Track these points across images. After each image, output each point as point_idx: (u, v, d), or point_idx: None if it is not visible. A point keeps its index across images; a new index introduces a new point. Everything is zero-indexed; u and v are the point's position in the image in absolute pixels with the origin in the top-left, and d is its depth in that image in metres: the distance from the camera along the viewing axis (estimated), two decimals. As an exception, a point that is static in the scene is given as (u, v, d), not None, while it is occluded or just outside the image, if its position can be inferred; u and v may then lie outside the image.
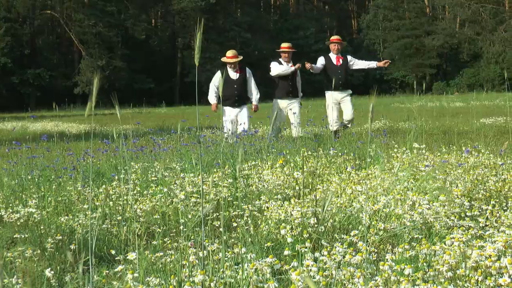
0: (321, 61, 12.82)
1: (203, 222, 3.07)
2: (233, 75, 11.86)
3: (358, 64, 12.97)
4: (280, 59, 12.37)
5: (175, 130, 7.73)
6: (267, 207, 4.63)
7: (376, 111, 9.41)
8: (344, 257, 3.23)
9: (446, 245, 3.25)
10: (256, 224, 4.38)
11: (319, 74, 12.72)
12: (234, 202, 4.99)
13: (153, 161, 7.03)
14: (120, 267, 3.32)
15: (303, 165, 5.21)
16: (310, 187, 5.31)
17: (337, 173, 5.84)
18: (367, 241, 3.57)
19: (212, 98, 12.08)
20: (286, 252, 3.39)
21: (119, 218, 4.67)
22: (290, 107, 12.14)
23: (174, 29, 63.99)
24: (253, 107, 12.07)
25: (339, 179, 5.40)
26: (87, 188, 5.59)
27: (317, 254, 3.31)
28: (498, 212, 4.13)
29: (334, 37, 13.15)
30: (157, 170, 6.26)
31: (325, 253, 3.31)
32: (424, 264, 3.18)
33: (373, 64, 12.93)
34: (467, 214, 4.12)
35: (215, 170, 6.31)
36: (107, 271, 3.57)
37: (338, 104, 12.36)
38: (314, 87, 35.45)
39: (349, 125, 12.40)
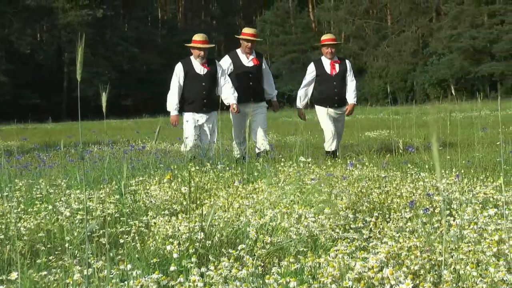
0: (311, 72, 10.24)
1: (87, 239, 3.01)
2: (200, 69, 9.28)
3: (347, 82, 10.24)
4: (239, 50, 9.85)
5: (60, 146, 7.57)
6: (155, 223, 4.58)
7: None
8: (230, 271, 3.23)
9: (330, 257, 3.30)
10: (143, 240, 4.33)
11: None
12: (121, 218, 4.91)
13: (38, 178, 6.85)
14: (1, 288, 3.21)
15: (189, 180, 5.19)
16: (197, 202, 5.30)
17: (224, 188, 5.84)
18: (254, 255, 3.59)
19: (173, 105, 9.21)
20: (172, 268, 3.36)
21: (1, 237, 4.52)
22: (253, 114, 9.16)
23: (61, 43, 62.67)
24: (233, 106, 9.25)
25: (226, 194, 5.40)
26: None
27: (203, 269, 3.30)
28: (381, 224, 4.22)
29: (327, 37, 10.41)
30: (42, 187, 6.10)
31: (212, 268, 3.30)
32: (309, 276, 3.21)
33: (349, 98, 10.17)
34: (351, 226, 4.19)
35: (102, 186, 6.21)
36: (-13, 293, 3.45)
37: (332, 120, 10.09)
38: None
39: (336, 148, 10.05)
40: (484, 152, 8.05)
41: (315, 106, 10.32)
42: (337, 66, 10.17)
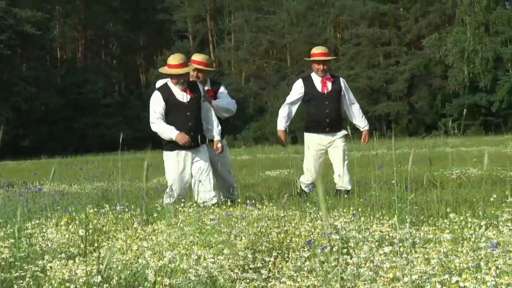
0: (298, 88, 8.88)
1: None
2: (181, 96, 7.86)
3: (347, 104, 8.93)
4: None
5: None
6: (51, 267, 4.47)
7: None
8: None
9: (229, 298, 3.30)
10: (39, 285, 4.22)
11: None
12: (15, 263, 4.78)
13: None
14: None
15: (86, 223, 5.10)
16: (95, 244, 5.21)
17: (123, 229, 5.77)
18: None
19: (167, 127, 7.76)
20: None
21: None
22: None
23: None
24: (217, 145, 7.99)
25: (125, 236, 5.33)
26: None
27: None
28: (280, 263, 4.25)
29: (318, 50, 8.92)
30: None
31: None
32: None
33: (362, 125, 8.99)
34: (250, 266, 4.20)
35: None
36: None
37: (324, 151, 8.79)
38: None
39: (347, 186, 8.66)
40: (380, 190, 8.23)
41: (304, 134, 9.02)
42: (329, 84, 8.76)
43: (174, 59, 7.75)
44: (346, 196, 8.01)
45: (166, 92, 7.88)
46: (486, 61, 56.53)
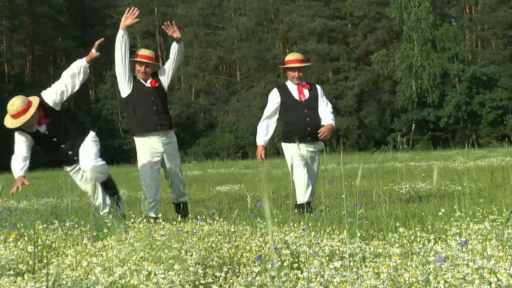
0: (274, 98, 8.46)
1: None
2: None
3: (322, 110, 8.39)
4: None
5: None
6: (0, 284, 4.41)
7: (115, 181, 9.08)
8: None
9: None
10: (-14, 303, 4.15)
11: None
12: (-38, 281, 4.69)
13: None
14: None
15: (35, 239, 5.04)
16: (44, 261, 5.14)
17: (73, 246, 5.71)
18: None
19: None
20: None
21: None
22: (168, 151, 7.97)
23: None
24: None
25: (75, 252, 5.28)
26: None
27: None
28: (231, 279, 4.24)
29: (292, 57, 8.49)
30: None
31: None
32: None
33: (325, 121, 8.34)
34: (201, 282, 4.19)
35: None
36: None
37: (304, 161, 8.27)
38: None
39: (311, 199, 8.33)
40: (330, 205, 8.28)
41: (282, 144, 8.51)
42: (306, 91, 8.37)
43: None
44: (297, 211, 7.82)
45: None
46: (434, 77, 57.51)
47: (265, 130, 8.42)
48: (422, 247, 4.49)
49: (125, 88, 8.01)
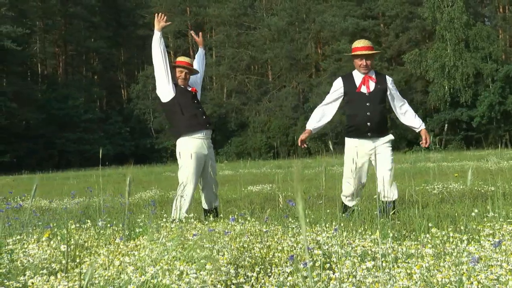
0: (337, 88, 7.78)
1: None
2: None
3: (395, 105, 7.76)
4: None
5: None
6: (32, 283, 4.45)
7: (147, 181, 9.13)
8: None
9: (212, 314, 3.29)
10: (20, 301, 4.19)
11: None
12: (-3, 279, 4.74)
13: None
14: None
15: (68, 238, 5.07)
16: (77, 260, 5.18)
17: (105, 245, 5.74)
18: (135, 314, 3.53)
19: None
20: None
21: None
22: (210, 155, 8.09)
23: None
24: None
25: (107, 251, 5.31)
26: None
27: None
28: (263, 278, 4.24)
29: (360, 44, 7.76)
30: None
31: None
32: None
33: (416, 125, 7.71)
34: (233, 281, 4.19)
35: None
36: None
37: (366, 159, 7.54)
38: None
39: (393, 197, 7.41)
40: (362, 205, 8.24)
41: (345, 139, 7.75)
42: (371, 83, 7.63)
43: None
44: (391, 207, 6.95)
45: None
46: (467, 77, 57.01)
47: (319, 116, 7.73)
48: (455, 247, 4.45)
49: (169, 91, 7.82)
